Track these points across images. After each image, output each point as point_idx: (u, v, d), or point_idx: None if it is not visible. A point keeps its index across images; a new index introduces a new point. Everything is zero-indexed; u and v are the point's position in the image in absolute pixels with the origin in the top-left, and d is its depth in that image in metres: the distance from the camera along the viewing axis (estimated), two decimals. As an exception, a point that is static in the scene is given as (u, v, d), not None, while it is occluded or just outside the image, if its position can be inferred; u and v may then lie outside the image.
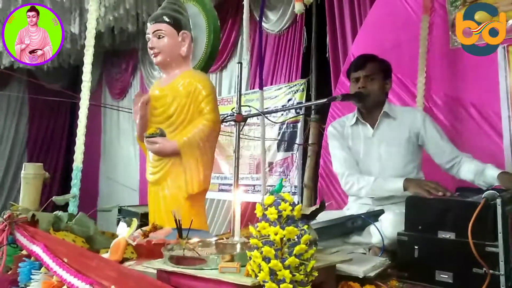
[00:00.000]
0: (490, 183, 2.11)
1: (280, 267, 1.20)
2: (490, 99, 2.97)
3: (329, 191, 3.70)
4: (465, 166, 2.24)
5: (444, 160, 2.31)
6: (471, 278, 1.56)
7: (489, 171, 2.11)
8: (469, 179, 2.22)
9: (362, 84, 2.33)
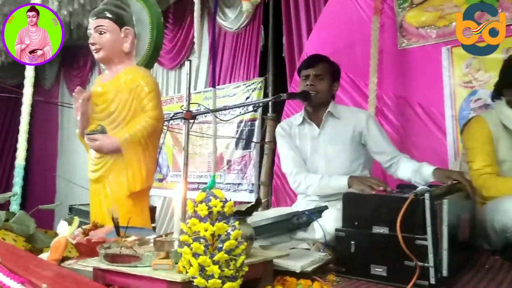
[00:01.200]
0: (426, 180, 2.18)
1: (209, 262, 1.21)
2: (435, 99, 3.08)
3: (283, 189, 3.75)
4: (402, 166, 2.32)
5: (384, 160, 2.38)
6: (403, 271, 1.61)
7: (424, 168, 2.19)
8: (406, 178, 2.30)
9: (311, 82, 2.37)
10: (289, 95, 2.43)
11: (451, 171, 2.10)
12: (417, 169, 2.22)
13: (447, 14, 3.05)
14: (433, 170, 2.13)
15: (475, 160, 2.28)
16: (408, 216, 1.59)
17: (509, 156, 2.27)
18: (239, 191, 4.66)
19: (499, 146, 2.28)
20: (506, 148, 2.27)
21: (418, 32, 3.17)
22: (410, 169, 2.26)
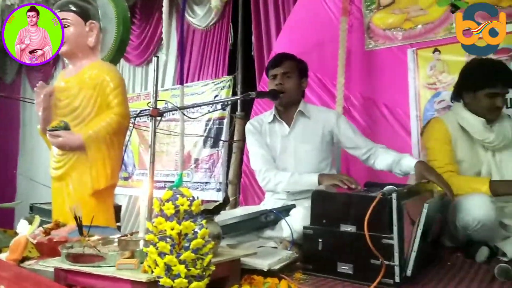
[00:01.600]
0: (406, 172, 2.22)
1: (175, 262, 1.19)
2: (400, 99, 3.13)
3: (251, 187, 3.75)
4: (381, 157, 2.35)
5: (360, 153, 2.41)
6: (369, 269, 1.62)
7: (405, 160, 2.22)
8: (386, 169, 2.33)
9: (279, 81, 2.38)
10: (258, 93, 2.42)
11: (431, 170, 2.09)
12: (398, 160, 2.25)
13: (413, 17, 3.11)
14: (415, 163, 2.15)
15: (437, 158, 2.33)
16: (376, 215, 1.61)
17: (466, 156, 2.34)
18: (206, 189, 4.63)
19: (457, 147, 2.35)
20: (463, 149, 2.34)
21: (385, 34, 3.23)
22: (390, 159, 2.28)
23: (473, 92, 2.32)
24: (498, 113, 2.33)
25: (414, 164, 2.14)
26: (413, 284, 1.64)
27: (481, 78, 2.30)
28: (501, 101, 2.31)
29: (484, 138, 2.31)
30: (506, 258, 1.96)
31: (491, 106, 2.29)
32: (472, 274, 1.78)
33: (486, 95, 2.28)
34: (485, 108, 2.30)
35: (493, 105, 2.29)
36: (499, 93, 2.28)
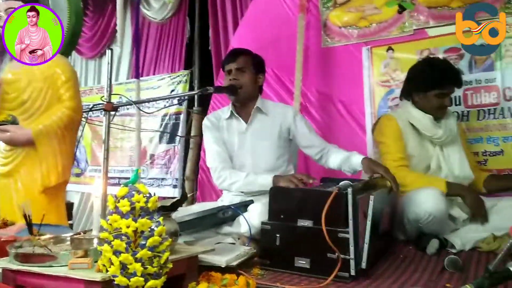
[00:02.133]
0: (355, 169, 2.27)
1: (131, 260, 1.16)
2: (356, 96, 3.20)
3: (209, 183, 3.71)
4: (332, 156, 2.38)
5: (313, 152, 2.44)
6: (325, 263, 1.65)
7: (353, 158, 2.26)
8: (336, 167, 2.37)
9: (234, 76, 2.37)
10: (216, 88, 2.41)
11: (378, 164, 2.16)
12: (346, 158, 2.29)
13: (368, 15, 3.17)
14: (361, 159, 2.20)
15: (390, 151, 2.40)
16: (332, 210, 1.64)
17: (416, 151, 2.43)
18: (162, 186, 4.56)
19: (407, 143, 2.43)
20: (413, 145, 2.43)
21: (341, 31, 3.28)
22: (340, 158, 2.32)
23: (424, 92, 2.41)
24: (445, 111, 2.44)
25: (361, 160, 2.20)
26: (368, 277, 1.68)
27: (431, 79, 2.39)
28: (448, 100, 2.43)
29: (432, 134, 2.40)
30: (455, 250, 2.05)
31: (440, 105, 2.40)
32: (423, 266, 1.84)
33: (436, 96, 2.38)
34: (435, 107, 2.40)
35: (441, 104, 2.40)
36: (447, 93, 2.40)
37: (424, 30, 2.98)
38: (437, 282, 1.61)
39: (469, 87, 2.81)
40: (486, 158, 2.75)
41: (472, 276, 1.68)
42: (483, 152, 2.76)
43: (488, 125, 2.75)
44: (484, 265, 1.82)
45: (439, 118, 2.44)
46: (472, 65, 2.82)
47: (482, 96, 2.78)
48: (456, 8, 2.84)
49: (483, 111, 2.77)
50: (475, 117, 2.79)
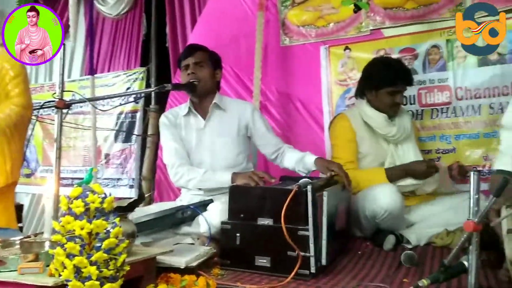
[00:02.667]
0: (309, 169, 2.28)
1: (85, 263, 1.11)
2: (314, 95, 3.23)
3: (167, 183, 3.64)
4: (287, 156, 2.40)
5: (269, 151, 2.44)
6: (286, 261, 1.65)
7: (307, 158, 2.28)
8: (291, 167, 2.38)
9: (192, 70, 2.34)
10: (174, 86, 2.36)
11: (331, 162, 2.21)
12: (300, 158, 2.30)
13: (326, 15, 3.21)
14: (315, 159, 2.22)
15: (340, 156, 2.46)
16: (292, 208, 1.64)
17: (371, 150, 2.48)
18: (118, 186, 4.43)
19: (361, 142, 2.48)
20: (368, 143, 2.49)
21: (299, 30, 3.29)
22: (294, 159, 2.33)
23: (375, 90, 2.47)
24: (397, 109, 2.51)
25: (314, 160, 2.22)
26: (327, 274, 1.69)
27: (382, 77, 2.45)
28: (400, 97, 2.49)
29: (387, 132, 2.46)
30: (410, 245, 2.10)
31: (392, 103, 2.46)
32: (381, 262, 1.88)
33: (387, 93, 2.44)
34: (387, 105, 2.46)
35: (393, 102, 2.46)
36: (399, 91, 2.46)
37: (380, 31, 3.04)
38: (394, 278, 1.65)
39: (423, 86, 2.90)
40: (439, 156, 2.84)
41: (428, 270, 1.72)
42: (437, 149, 2.85)
43: (441, 123, 2.85)
44: (438, 259, 1.88)
45: (392, 116, 2.49)
46: (426, 65, 2.91)
47: (435, 96, 2.87)
48: (411, 9, 2.92)
49: (436, 110, 2.86)
50: (428, 115, 2.88)
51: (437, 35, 2.87)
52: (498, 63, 2.71)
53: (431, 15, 2.87)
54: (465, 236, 1.29)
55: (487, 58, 2.74)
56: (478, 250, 1.29)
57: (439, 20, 2.86)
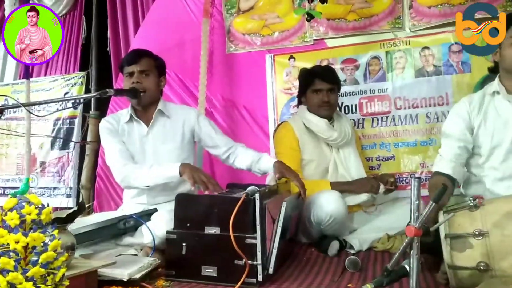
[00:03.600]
0: (265, 171, 2.28)
1: (21, 279, 1.03)
2: (259, 103, 3.25)
3: (107, 192, 3.52)
4: (240, 156, 2.36)
5: (220, 152, 2.41)
6: (233, 270, 1.63)
7: (264, 160, 2.27)
8: (245, 168, 2.35)
9: (137, 79, 2.26)
10: (117, 91, 2.26)
11: (289, 169, 2.17)
12: (257, 159, 2.28)
13: (270, 24, 3.24)
14: (274, 162, 2.21)
15: None
16: (239, 216, 1.62)
17: (314, 155, 2.53)
18: (55, 196, 4.22)
19: (305, 148, 2.53)
20: (311, 149, 2.54)
21: (245, 38, 3.31)
22: (249, 159, 2.31)
23: (304, 93, 2.59)
24: (328, 108, 2.55)
25: (272, 164, 2.22)
26: (274, 282, 1.69)
27: (305, 79, 2.59)
28: (328, 96, 2.53)
29: (328, 136, 2.52)
30: (354, 251, 2.15)
31: (319, 102, 2.54)
32: (326, 267, 1.90)
33: (311, 92, 2.55)
34: (315, 104, 2.55)
35: (320, 100, 2.53)
36: (321, 89, 2.53)
37: (323, 41, 3.12)
38: (339, 283, 1.67)
39: (364, 96, 3.00)
40: (380, 163, 2.94)
41: (371, 275, 1.76)
42: (377, 157, 2.95)
43: (381, 132, 2.96)
44: (380, 263, 1.93)
45: (326, 117, 2.55)
46: (367, 75, 3.02)
47: (375, 105, 2.98)
48: (352, 21, 3.02)
49: (377, 119, 2.97)
50: (369, 124, 2.99)
51: (377, 47, 2.99)
52: (434, 75, 2.86)
53: (372, 27, 2.99)
54: (407, 240, 1.33)
55: (424, 69, 2.88)
56: (418, 254, 1.33)
57: (379, 32, 2.98)
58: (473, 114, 1.97)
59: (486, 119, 1.95)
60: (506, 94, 1.93)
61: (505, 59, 1.89)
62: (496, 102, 1.96)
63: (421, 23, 2.88)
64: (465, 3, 2.76)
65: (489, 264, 1.38)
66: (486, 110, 1.96)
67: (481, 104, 1.98)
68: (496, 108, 1.95)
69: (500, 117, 1.93)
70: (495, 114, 1.94)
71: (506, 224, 1.41)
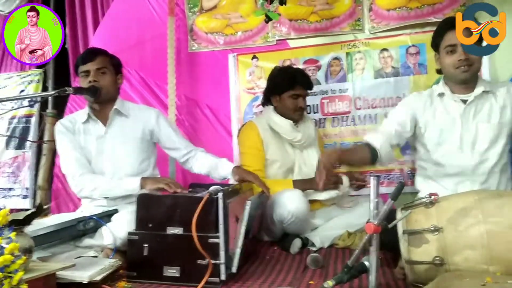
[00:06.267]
0: (224, 176, 2.29)
1: (-25, 285, 1.00)
2: (222, 102, 3.25)
3: (65, 193, 3.43)
4: (199, 161, 2.36)
5: (179, 155, 2.40)
6: (196, 270, 1.63)
7: (223, 165, 2.28)
8: (203, 172, 2.35)
9: (94, 78, 2.21)
10: (76, 89, 2.20)
11: (247, 172, 2.23)
12: (215, 165, 2.29)
13: (234, 24, 3.25)
14: (232, 168, 2.23)
15: (248, 164, 2.50)
16: (202, 216, 1.62)
17: (278, 156, 2.56)
18: (10, 197, 4.07)
19: (269, 149, 2.55)
20: (275, 149, 2.56)
21: (208, 37, 3.30)
22: (208, 164, 2.32)
23: (279, 95, 2.58)
24: (301, 113, 2.62)
25: (231, 169, 2.24)
26: (238, 280, 1.70)
27: (284, 82, 2.58)
28: (303, 101, 2.60)
29: (292, 137, 2.55)
30: (315, 248, 2.19)
31: (295, 106, 2.57)
32: (288, 265, 1.93)
33: (289, 97, 2.56)
34: (291, 109, 2.57)
35: (296, 106, 2.57)
36: (300, 94, 2.58)
37: (286, 41, 3.16)
38: (301, 280, 1.70)
39: (325, 96, 3.06)
40: (341, 162, 2.99)
41: (332, 271, 1.80)
42: (338, 156, 3.00)
43: (342, 131, 3.03)
44: (341, 260, 1.98)
45: (297, 121, 2.60)
46: (328, 76, 3.07)
47: (336, 105, 3.05)
48: (314, 22, 3.07)
49: (337, 119, 3.04)
50: (330, 124, 3.04)
51: (338, 48, 3.05)
52: (392, 76, 2.95)
53: (333, 28, 3.04)
54: (366, 237, 1.37)
55: (383, 70, 2.97)
56: (377, 251, 1.37)
57: (340, 33, 3.04)
58: (421, 109, 2.10)
59: (435, 116, 2.09)
60: (451, 94, 2.08)
61: (444, 67, 2.06)
62: (444, 102, 2.10)
63: (380, 26, 2.96)
64: (422, 7, 2.86)
65: (444, 259, 1.44)
66: (435, 108, 2.10)
67: (429, 101, 2.12)
68: (444, 107, 2.09)
69: (448, 115, 2.07)
70: (443, 112, 2.08)
71: (459, 220, 1.46)
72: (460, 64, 1.97)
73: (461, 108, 2.04)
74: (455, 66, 1.99)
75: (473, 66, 1.98)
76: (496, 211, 1.45)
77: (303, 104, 2.60)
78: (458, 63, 1.97)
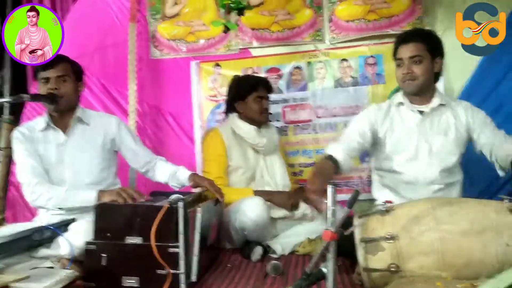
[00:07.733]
0: (183, 184, 2.28)
1: None
2: (185, 109, 3.25)
3: (22, 201, 3.32)
4: (159, 170, 2.35)
5: (139, 164, 2.37)
6: (155, 280, 1.62)
7: (180, 173, 2.28)
8: (163, 181, 2.34)
9: (54, 85, 2.15)
10: (33, 96, 2.14)
11: (203, 178, 2.24)
12: (174, 173, 2.28)
13: (196, 31, 3.25)
14: (189, 175, 2.23)
15: (210, 171, 2.52)
16: (162, 225, 1.62)
17: (241, 162, 2.58)
18: (-39, 206, 3.91)
19: (232, 155, 2.57)
20: (238, 156, 2.59)
21: (170, 44, 3.28)
22: (167, 173, 2.31)
23: (243, 99, 2.63)
24: (267, 115, 2.67)
25: (188, 176, 2.24)
26: (197, 289, 1.70)
27: (247, 86, 2.64)
28: (267, 104, 2.66)
29: (257, 142, 2.59)
30: (276, 255, 2.21)
31: (261, 108, 2.62)
32: (249, 273, 1.94)
33: (254, 99, 2.61)
34: (256, 111, 2.61)
35: (262, 107, 2.63)
36: (263, 96, 2.64)
37: (248, 50, 3.19)
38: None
39: (287, 104, 3.11)
40: (302, 169, 3.06)
41: (292, 278, 1.83)
42: (300, 164, 3.07)
43: (303, 139, 3.09)
44: (301, 267, 2.00)
45: (262, 124, 2.65)
46: (290, 84, 3.13)
47: (298, 113, 3.10)
48: (276, 32, 3.11)
49: (299, 127, 3.09)
50: (292, 132, 3.09)
51: (300, 57, 3.11)
52: (351, 85, 3.03)
53: (294, 38, 3.10)
54: (324, 244, 1.40)
55: (342, 80, 3.05)
56: (335, 257, 1.40)
57: (301, 43, 3.10)
58: (380, 120, 2.19)
59: (393, 126, 2.18)
60: (409, 104, 2.17)
61: (396, 77, 2.17)
62: (401, 112, 2.19)
63: (340, 36, 3.04)
64: (380, 20, 2.96)
65: (399, 266, 1.49)
66: (393, 118, 2.19)
67: (388, 112, 2.21)
68: (402, 117, 2.18)
69: (404, 125, 2.16)
70: (400, 122, 2.18)
71: (413, 227, 1.52)
72: (404, 78, 2.10)
73: (418, 118, 2.13)
74: (400, 79, 2.12)
75: (417, 80, 2.09)
76: (448, 219, 1.51)
77: (267, 105, 2.65)
78: (403, 76, 2.10)
